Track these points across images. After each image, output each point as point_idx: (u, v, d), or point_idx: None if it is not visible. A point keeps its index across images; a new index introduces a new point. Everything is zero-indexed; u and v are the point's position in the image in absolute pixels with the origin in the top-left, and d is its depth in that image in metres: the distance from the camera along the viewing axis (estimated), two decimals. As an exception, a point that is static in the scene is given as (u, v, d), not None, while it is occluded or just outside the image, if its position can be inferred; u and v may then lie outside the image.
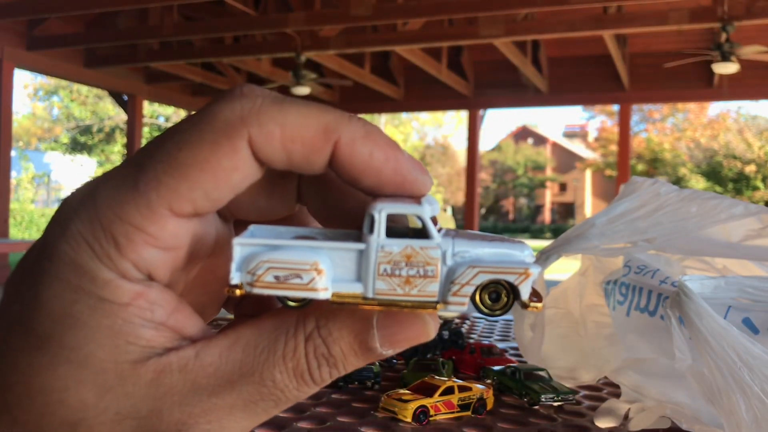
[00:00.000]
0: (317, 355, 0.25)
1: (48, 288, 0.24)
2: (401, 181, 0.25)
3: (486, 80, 9.07)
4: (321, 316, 0.25)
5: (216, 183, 0.24)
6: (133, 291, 0.24)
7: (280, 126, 0.24)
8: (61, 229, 0.24)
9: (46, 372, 0.24)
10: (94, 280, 0.24)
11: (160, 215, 0.24)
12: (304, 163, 0.25)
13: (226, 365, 0.24)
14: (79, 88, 19.33)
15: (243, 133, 0.24)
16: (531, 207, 28.75)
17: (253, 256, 0.24)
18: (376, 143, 0.25)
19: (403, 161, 0.25)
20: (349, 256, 0.25)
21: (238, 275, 0.24)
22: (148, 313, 0.24)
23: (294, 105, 0.25)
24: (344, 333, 0.25)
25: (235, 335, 0.25)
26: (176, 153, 0.24)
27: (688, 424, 0.66)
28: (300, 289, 0.24)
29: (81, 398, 0.24)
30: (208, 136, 0.24)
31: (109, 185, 0.24)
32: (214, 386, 0.24)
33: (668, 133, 22.24)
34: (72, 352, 0.23)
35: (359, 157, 0.25)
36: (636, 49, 8.16)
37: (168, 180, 0.24)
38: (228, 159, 0.24)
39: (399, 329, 0.26)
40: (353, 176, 0.25)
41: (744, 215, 0.74)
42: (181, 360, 0.24)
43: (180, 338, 0.25)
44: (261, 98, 0.25)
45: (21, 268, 0.25)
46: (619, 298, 0.78)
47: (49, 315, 0.24)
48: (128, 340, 0.24)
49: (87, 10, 6.10)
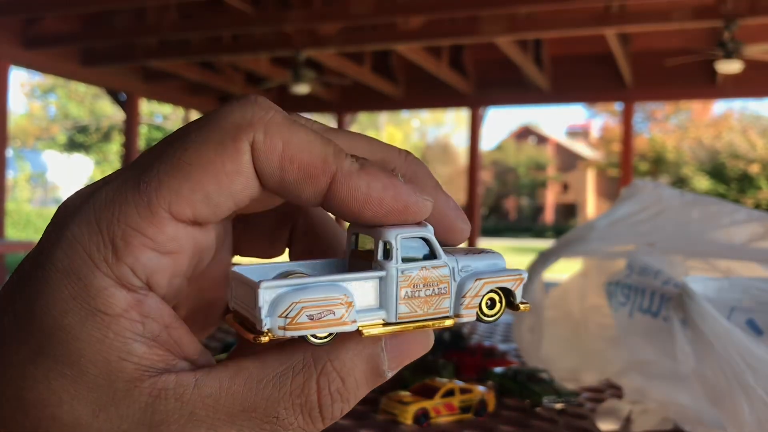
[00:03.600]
0: (331, 391, 0.24)
1: (40, 298, 0.23)
2: (403, 208, 0.25)
3: (487, 79, 9.06)
4: (331, 350, 0.25)
5: (218, 186, 0.24)
6: (126, 301, 0.23)
7: (284, 142, 0.24)
8: (56, 234, 0.24)
9: (39, 386, 0.23)
10: (87, 288, 0.23)
11: (159, 217, 0.23)
12: (296, 188, 0.25)
13: (226, 398, 0.23)
14: (77, 87, 19.35)
15: (248, 136, 0.24)
16: (533, 207, 28.75)
17: (281, 299, 0.24)
18: (372, 175, 0.25)
19: (401, 188, 0.25)
20: (370, 285, 0.25)
21: (270, 320, 0.23)
22: (139, 326, 0.23)
23: (303, 128, 0.25)
24: (357, 362, 0.25)
25: (236, 367, 0.24)
26: (180, 153, 0.23)
27: (690, 426, 0.65)
28: (333, 325, 0.24)
29: (75, 415, 0.23)
30: (215, 136, 0.24)
31: (110, 187, 0.24)
32: (213, 419, 0.23)
33: (671, 133, 22.23)
34: (66, 366, 0.23)
35: (357, 189, 0.25)
36: (639, 47, 8.14)
37: (169, 180, 0.23)
38: (232, 162, 0.23)
39: (407, 348, 0.26)
40: (355, 211, 0.25)
41: (746, 220, 0.74)
42: (178, 387, 0.23)
43: (174, 357, 0.24)
44: (273, 111, 0.25)
45: (16, 276, 0.25)
46: (621, 300, 0.77)
47: (41, 326, 0.23)
48: (120, 356, 0.23)
49: (84, 8, 6.10)
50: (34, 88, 21.58)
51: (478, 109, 9.58)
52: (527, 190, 28.40)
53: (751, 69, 7.01)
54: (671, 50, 7.53)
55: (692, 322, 0.60)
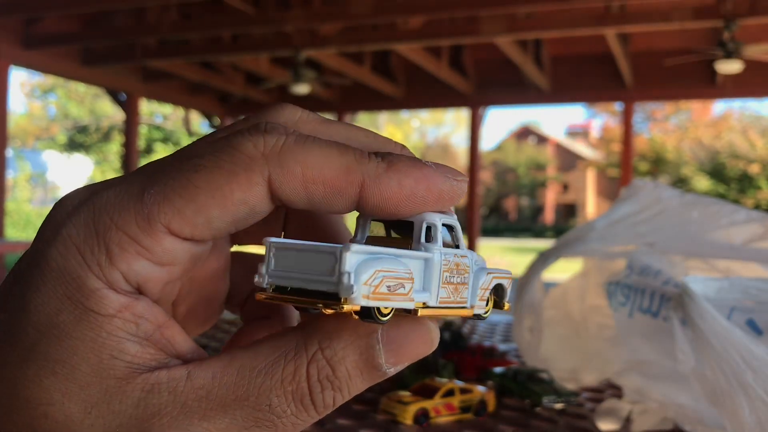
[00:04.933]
0: (321, 378, 0.24)
1: (35, 296, 0.23)
2: (437, 197, 0.25)
3: (487, 79, 9.06)
4: (324, 337, 0.24)
5: (222, 212, 0.24)
6: (119, 303, 0.23)
7: (302, 165, 0.24)
8: (52, 234, 0.24)
9: (31, 384, 0.23)
10: (81, 288, 0.23)
11: (157, 230, 0.23)
12: (325, 203, 0.25)
13: (218, 388, 0.23)
14: (77, 87, 19.35)
15: (263, 170, 0.24)
16: (533, 207, 28.74)
17: (365, 265, 0.22)
18: (400, 171, 0.24)
19: (433, 176, 0.25)
20: (418, 266, 0.24)
21: (356, 288, 0.22)
22: (132, 326, 0.23)
23: (317, 144, 0.24)
24: (349, 352, 0.24)
25: (229, 357, 0.24)
26: (190, 174, 0.23)
27: (690, 426, 0.65)
28: (402, 300, 0.23)
29: (67, 413, 0.23)
30: (227, 165, 0.24)
31: (112, 192, 0.24)
32: (206, 410, 0.23)
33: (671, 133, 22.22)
34: (57, 364, 0.23)
35: (389, 191, 0.24)
36: (639, 47, 8.14)
37: (175, 198, 0.23)
38: (241, 191, 0.24)
39: (404, 342, 0.25)
40: (391, 211, 0.25)
41: (746, 221, 0.74)
42: (171, 381, 0.23)
43: (166, 356, 0.24)
44: (285, 137, 0.24)
45: (12, 275, 0.25)
46: (621, 300, 0.77)
47: (35, 325, 0.23)
48: (112, 354, 0.23)
49: (84, 8, 6.10)
50: (34, 88, 21.58)
51: (478, 109, 9.58)
52: (527, 190, 28.39)
53: (751, 69, 7.01)
54: (671, 50, 7.53)
55: (692, 322, 0.60)
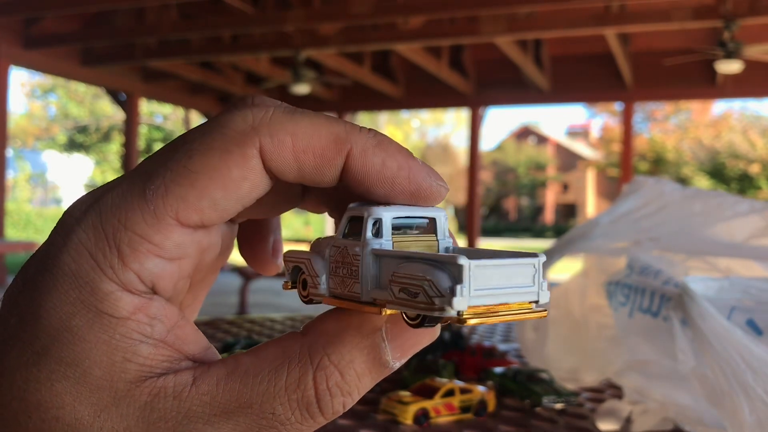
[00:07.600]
0: (330, 386, 0.24)
1: (47, 301, 0.23)
2: (416, 189, 0.25)
3: (487, 79, 9.06)
4: (327, 343, 0.24)
5: (225, 192, 0.24)
6: (133, 304, 0.23)
7: (292, 135, 0.24)
8: (62, 239, 0.24)
9: (42, 388, 0.23)
10: (95, 292, 0.23)
11: (165, 224, 0.23)
12: (316, 174, 0.25)
13: (222, 394, 0.23)
14: (77, 87, 19.34)
15: (254, 142, 0.24)
16: (533, 207, 28.74)
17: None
18: (388, 152, 0.25)
19: (417, 169, 0.25)
20: None
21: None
22: (147, 328, 0.24)
23: (305, 115, 0.25)
24: (356, 354, 0.24)
25: (234, 363, 0.24)
26: (185, 161, 0.23)
27: (690, 426, 0.65)
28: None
29: (77, 416, 0.23)
30: (219, 144, 0.24)
31: (115, 193, 0.24)
32: (209, 415, 0.23)
33: (671, 133, 22.22)
34: (69, 368, 0.23)
35: (372, 167, 0.24)
36: (639, 47, 8.15)
37: (176, 188, 0.23)
38: (238, 168, 0.24)
39: (409, 335, 0.25)
40: (367, 187, 0.25)
41: (749, 212, 0.73)
42: (177, 386, 0.23)
43: (180, 357, 0.24)
44: (273, 108, 0.24)
45: (21, 279, 0.25)
46: (621, 300, 0.77)
47: (46, 329, 0.23)
48: (125, 357, 0.23)
49: (84, 8, 6.10)
50: (34, 88, 21.58)
51: (478, 109, 9.58)
52: (527, 190, 28.39)
53: (751, 69, 7.01)
54: (671, 50, 7.54)
55: (692, 322, 0.60)
